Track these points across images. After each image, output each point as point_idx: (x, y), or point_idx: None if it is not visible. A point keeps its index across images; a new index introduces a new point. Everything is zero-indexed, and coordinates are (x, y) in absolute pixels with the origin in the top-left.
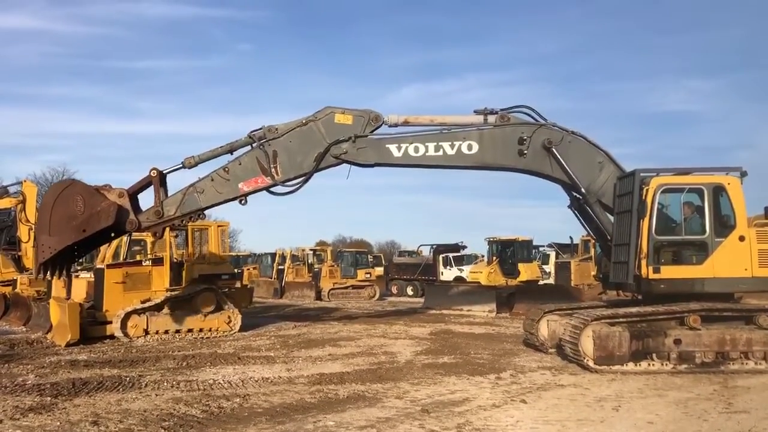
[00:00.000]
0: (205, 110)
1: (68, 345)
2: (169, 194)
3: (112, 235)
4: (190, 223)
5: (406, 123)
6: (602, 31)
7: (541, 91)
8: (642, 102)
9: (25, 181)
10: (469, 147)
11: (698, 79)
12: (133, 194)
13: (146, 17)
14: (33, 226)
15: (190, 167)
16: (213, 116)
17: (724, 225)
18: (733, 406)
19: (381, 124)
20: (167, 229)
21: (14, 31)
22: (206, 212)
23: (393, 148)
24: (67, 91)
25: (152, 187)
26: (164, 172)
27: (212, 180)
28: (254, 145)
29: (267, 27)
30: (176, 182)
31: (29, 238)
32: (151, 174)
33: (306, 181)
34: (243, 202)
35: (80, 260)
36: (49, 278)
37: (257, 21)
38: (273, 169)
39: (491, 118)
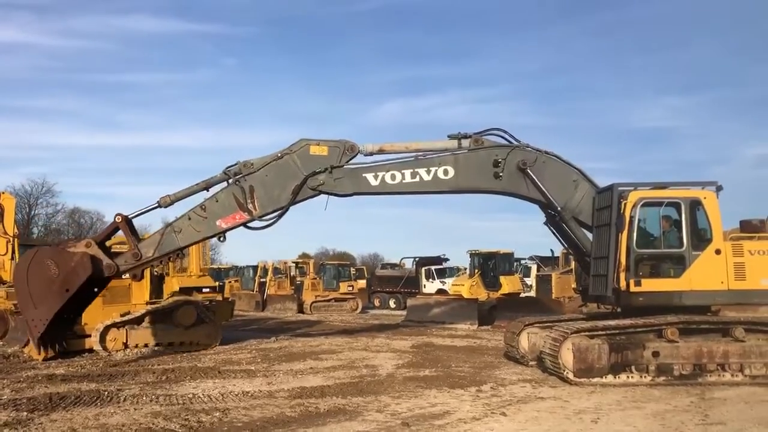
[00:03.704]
0: (190, 123)
1: (46, 359)
2: (139, 235)
3: (96, 290)
4: None
5: (381, 151)
6: (583, 50)
7: (522, 107)
8: (622, 118)
9: (3, 193)
10: (445, 172)
11: (677, 96)
12: (101, 242)
13: (133, 31)
14: (11, 239)
15: (165, 206)
16: (197, 129)
17: (700, 238)
18: (709, 418)
19: (356, 154)
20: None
21: (1, 44)
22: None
23: (370, 177)
24: (51, 104)
25: (121, 232)
26: (129, 216)
27: (189, 219)
28: (230, 181)
29: (253, 42)
30: (149, 219)
31: (6, 251)
32: (116, 220)
33: (282, 214)
34: (221, 239)
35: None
36: (52, 353)
37: (243, 36)
38: (250, 205)
39: (465, 142)
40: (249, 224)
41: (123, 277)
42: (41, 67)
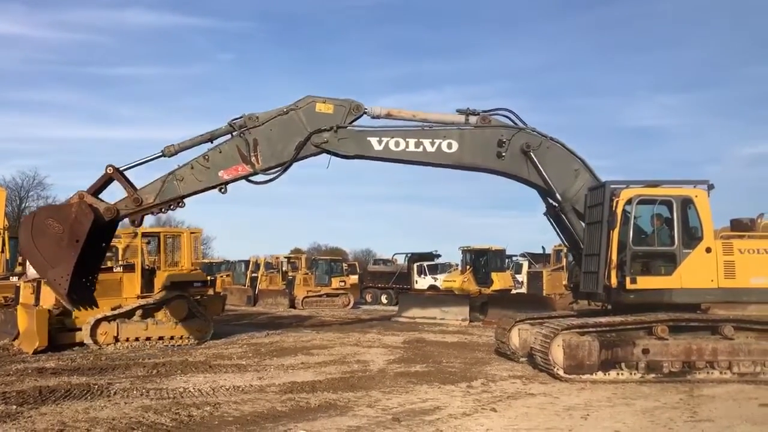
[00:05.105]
0: (185, 117)
1: (36, 352)
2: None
3: (104, 245)
4: (162, 231)
5: (389, 115)
6: (579, 47)
7: (517, 104)
8: (616, 116)
9: None
10: (449, 146)
11: (671, 94)
12: (94, 194)
13: (129, 25)
14: (1, 231)
15: (170, 155)
16: (192, 123)
17: (691, 237)
18: (698, 415)
19: (362, 114)
20: (139, 234)
21: None
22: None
23: (374, 141)
24: (44, 97)
25: (115, 182)
26: (121, 168)
27: (192, 168)
28: (234, 133)
29: (250, 37)
30: (149, 170)
31: None
32: (108, 171)
33: (285, 169)
34: (223, 190)
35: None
36: (90, 307)
37: (240, 31)
38: (253, 158)
39: (472, 119)
40: (251, 178)
41: (114, 270)
42: (34, 59)
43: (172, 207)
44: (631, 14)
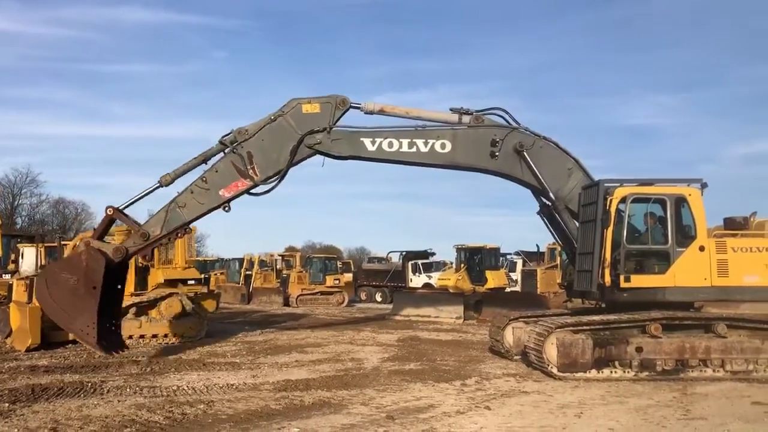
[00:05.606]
0: (179, 115)
1: (29, 350)
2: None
3: (120, 287)
4: None
5: (382, 112)
6: (573, 47)
7: (511, 103)
8: (610, 115)
9: None
10: (443, 146)
11: (665, 94)
12: (99, 237)
13: (124, 22)
14: None
15: (166, 185)
16: (186, 121)
17: (685, 235)
18: (691, 413)
19: (348, 108)
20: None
21: None
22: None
23: (367, 141)
24: (38, 94)
25: (117, 222)
26: (120, 207)
27: (192, 192)
28: (227, 150)
29: (245, 35)
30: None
31: None
32: (108, 213)
33: (282, 176)
34: (226, 209)
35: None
36: (121, 350)
37: (236, 29)
38: (251, 171)
39: (466, 118)
40: (252, 190)
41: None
42: (29, 56)
43: (179, 234)
44: (626, 14)
